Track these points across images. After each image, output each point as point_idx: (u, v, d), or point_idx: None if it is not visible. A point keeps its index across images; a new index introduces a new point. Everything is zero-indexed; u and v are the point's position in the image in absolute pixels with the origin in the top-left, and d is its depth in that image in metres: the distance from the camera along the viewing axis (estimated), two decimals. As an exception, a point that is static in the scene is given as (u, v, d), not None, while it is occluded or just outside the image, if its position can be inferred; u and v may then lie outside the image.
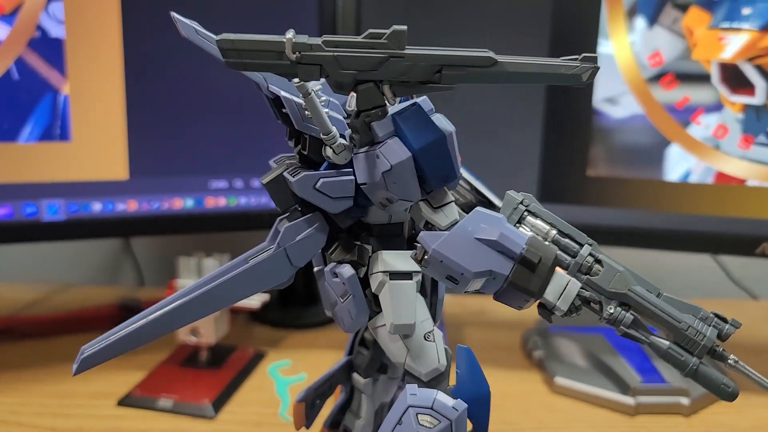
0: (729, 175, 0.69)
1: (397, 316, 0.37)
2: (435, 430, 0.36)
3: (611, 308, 0.37)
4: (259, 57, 0.32)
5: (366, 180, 0.35)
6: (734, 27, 0.66)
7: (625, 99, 0.70)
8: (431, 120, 0.34)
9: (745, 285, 1.01)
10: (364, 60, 0.33)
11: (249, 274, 0.37)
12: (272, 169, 0.39)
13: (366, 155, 0.35)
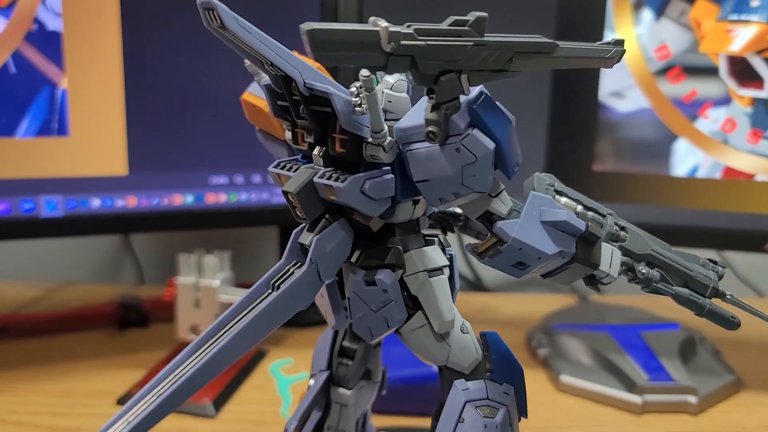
0: (737, 170, 0.69)
1: (446, 313, 0.37)
2: (498, 418, 0.37)
3: (642, 269, 0.41)
4: (351, 49, 0.30)
5: (433, 176, 0.34)
6: (743, 19, 0.65)
7: (631, 93, 0.70)
8: (501, 107, 0.34)
9: (750, 282, 1.00)
10: (452, 49, 0.31)
11: (282, 300, 0.34)
12: (295, 177, 0.35)
13: (438, 149, 0.33)
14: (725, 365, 0.72)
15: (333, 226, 0.35)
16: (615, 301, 0.92)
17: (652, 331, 0.76)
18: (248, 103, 0.39)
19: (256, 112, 0.39)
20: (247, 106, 0.40)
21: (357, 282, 0.37)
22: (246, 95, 0.39)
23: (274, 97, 0.36)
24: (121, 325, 0.83)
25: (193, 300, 0.69)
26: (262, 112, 0.38)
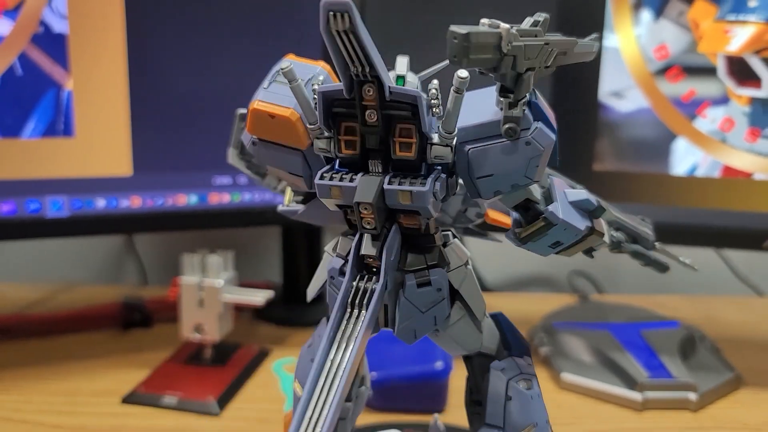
0: (736, 168, 0.69)
1: (483, 301, 0.38)
2: (535, 388, 0.40)
3: (613, 233, 0.47)
4: (481, 51, 0.30)
5: (499, 170, 0.34)
6: (740, 19, 0.66)
7: (631, 93, 0.70)
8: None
9: (750, 281, 1.01)
10: (535, 49, 0.32)
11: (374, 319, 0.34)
12: (364, 186, 0.34)
13: (511, 144, 0.34)
14: (725, 363, 0.72)
15: (392, 233, 0.35)
16: (615, 300, 0.93)
17: (652, 329, 0.76)
18: (262, 113, 0.35)
19: (269, 122, 0.36)
20: (260, 116, 0.36)
21: (410, 286, 0.36)
22: (260, 105, 0.35)
23: (329, 105, 0.34)
24: (124, 326, 0.83)
25: (197, 299, 0.69)
26: (281, 121, 0.35)
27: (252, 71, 0.75)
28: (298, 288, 0.91)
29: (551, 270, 1.06)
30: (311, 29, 0.76)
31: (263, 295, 0.70)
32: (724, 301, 0.96)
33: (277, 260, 0.94)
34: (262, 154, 0.37)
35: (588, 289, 1.01)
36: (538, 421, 0.39)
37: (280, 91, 0.35)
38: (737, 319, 0.90)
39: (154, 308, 0.85)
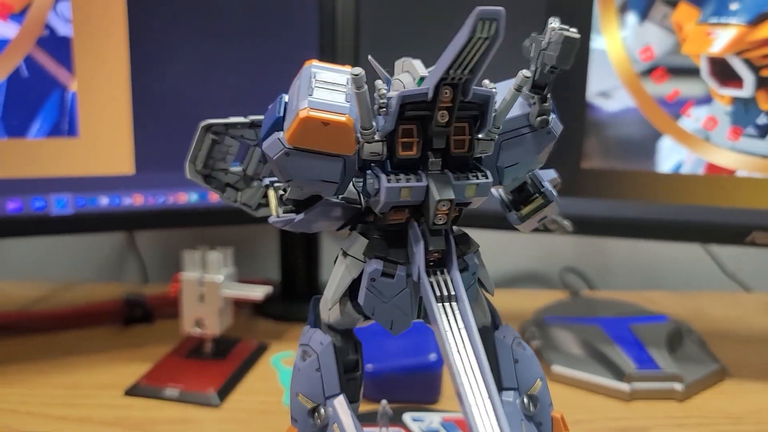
0: (719, 166, 0.70)
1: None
2: (528, 349, 0.43)
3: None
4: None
5: (524, 158, 0.38)
6: (722, 22, 0.67)
7: (617, 93, 0.71)
8: None
9: (738, 278, 1.02)
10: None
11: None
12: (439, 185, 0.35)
13: (538, 134, 0.38)
14: (711, 355, 0.74)
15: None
16: (606, 296, 0.95)
17: (640, 323, 0.78)
18: (315, 121, 0.33)
19: (320, 130, 0.34)
20: (312, 124, 0.33)
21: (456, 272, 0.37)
22: (312, 113, 0.33)
23: (403, 108, 0.34)
24: (126, 322, 0.84)
25: (197, 295, 0.70)
26: (336, 128, 0.34)
27: (250, 72, 0.77)
28: (296, 284, 0.93)
29: (543, 267, 1.07)
30: (307, 32, 0.78)
31: (262, 290, 0.71)
32: (712, 297, 0.98)
33: (275, 257, 0.95)
34: (292, 165, 0.35)
35: (579, 285, 1.03)
36: (541, 377, 0.43)
37: (325, 97, 0.34)
38: (724, 313, 0.92)
39: (155, 304, 0.86)
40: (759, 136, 0.68)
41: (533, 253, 1.07)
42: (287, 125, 0.34)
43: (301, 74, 0.36)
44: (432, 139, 0.35)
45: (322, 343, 0.41)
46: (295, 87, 0.35)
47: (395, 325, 0.38)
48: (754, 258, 1.02)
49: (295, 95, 0.35)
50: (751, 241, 0.70)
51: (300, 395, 0.41)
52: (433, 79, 0.32)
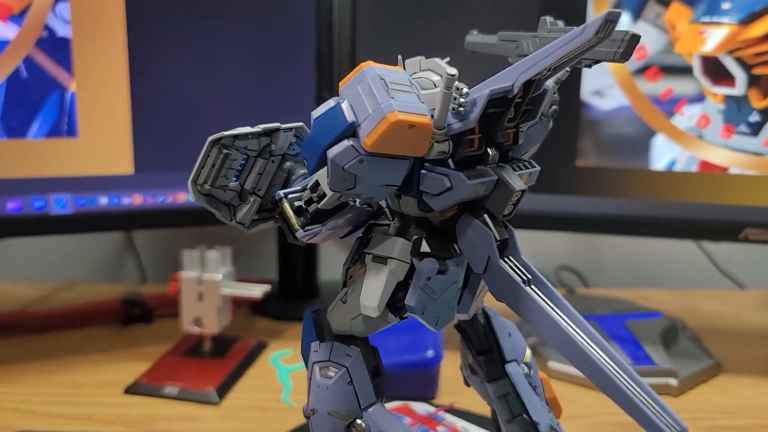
0: (712, 163, 0.71)
1: None
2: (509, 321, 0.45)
3: None
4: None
5: (531, 147, 0.40)
6: (714, 21, 0.67)
7: (611, 91, 0.71)
8: None
9: (732, 275, 1.03)
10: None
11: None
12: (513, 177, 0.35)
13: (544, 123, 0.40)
14: (705, 350, 0.75)
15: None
16: (601, 293, 0.95)
17: (636, 320, 0.78)
18: (403, 124, 0.32)
19: (405, 133, 0.33)
20: (400, 128, 0.32)
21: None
22: (401, 116, 0.32)
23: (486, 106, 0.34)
24: (125, 321, 0.84)
25: (196, 293, 0.70)
26: (419, 129, 0.33)
27: (247, 72, 0.78)
28: (294, 284, 0.93)
29: (539, 265, 1.07)
30: (305, 33, 0.78)
31: (261, 289, 0.71)
32: (706, 294, 0.99)
33: (273, 257, 0.96)
34: (363, 172, 0.34)
35: (575, 283, 1.03)
36: (527, 345, 0.45)
37: (405, 99, 0.33)
38: (718, 310, 0.93)
39: (153, 304, 0.86)
40: (751, 133, 0.69)
41: (529, 252, 1.06)
42: (366, 130, 0.32)
43: (362, 77, 0.33)
44: (497, 133, 0.36)
45: (349, 355, 0.40)
46: (362, 91, 0.33)
47: (441, 320, 0.38)
48: (748, 255, 1.03)
49: (366, 99, 0.33)
50: (745, 238, 0.70)
51: (333, 413, 0.40)
52: (523, 76, 0.32)
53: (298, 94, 0.78)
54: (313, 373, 0.40)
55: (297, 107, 0.78)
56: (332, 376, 0.39)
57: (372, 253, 0.38)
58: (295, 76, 0.78)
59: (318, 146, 0.34)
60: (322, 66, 0.79)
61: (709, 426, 0.62)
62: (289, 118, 0.82)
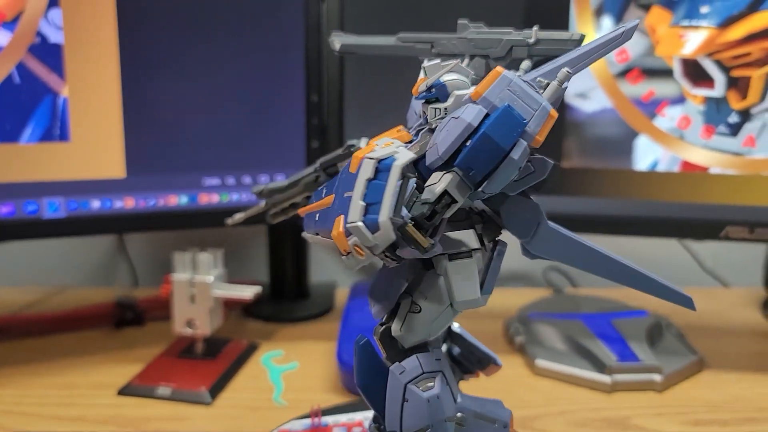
0: (693, 163, 0.72)
1: None
2: None
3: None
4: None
5: None
6: (693, 25, 0.69)
7: (595, 94, 0.73)
8: None
9: (716, 274, 1.05)
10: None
11: None
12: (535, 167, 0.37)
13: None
14: (689, 347, 0.76)
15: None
16: (588, 293, 0.96)
17: (622, 318, 0.79)
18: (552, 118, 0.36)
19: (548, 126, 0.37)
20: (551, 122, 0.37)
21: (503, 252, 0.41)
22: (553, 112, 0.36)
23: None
24: (117, 324, 0.84)
25: (188, 295, 0.71)
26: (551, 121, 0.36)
27: (237, 75, 0.79)
28: (285, 286, 0.94)
29: (528, 266, 1.09)
30: (294, 36, 0.79)
31: (252, 290, 0.72)
32: (691, 293, 0.98)
33: (264, 259, 0.96)
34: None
35: (562, 283, 1.04)
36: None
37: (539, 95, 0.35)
38: (703, 308, 0.93)
39: (145, 307, 0.86)
40: (730, 134, 0.70)
41: (517, 252, 1.09)
42: (536, 128, 0.34)
43: (508, 81, 0.34)
44: None
45: (438, 359, 0.40)
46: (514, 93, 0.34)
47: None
48: (732, 254, 1.05)
49: (523, 100, 0.34)
50: (726, 236, 0.72)
51: (449, 419, 0.39)
52: (576, 70, 0.35)
53: (288, 96, 0.79)
54: (409, 393, 0.38)
55: (286, 110, 0.79)
56: (433, 386, 0.39)
57: (448, 252, 0.38)
58: (284, 79, 0.79)
59: (500, 150, 0.33)
60: (311, 69, 0.80)
61: (693, 420, 0.63)
62: (278, 120, 0.83)
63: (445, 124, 0.35)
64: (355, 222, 0.31)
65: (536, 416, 0.63)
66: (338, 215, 0.33)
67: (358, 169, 0.33)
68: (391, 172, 0.31)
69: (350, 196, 0.32)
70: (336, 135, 0.82)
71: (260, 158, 0.78)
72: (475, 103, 0.34)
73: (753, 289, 0.99)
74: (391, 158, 0.32)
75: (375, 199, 0.32)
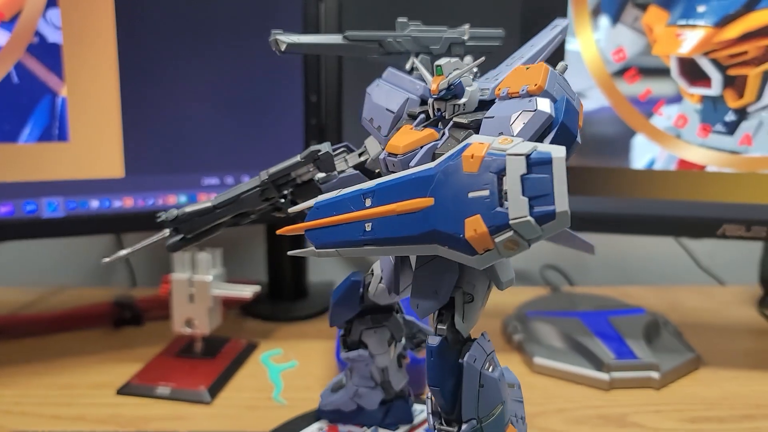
0: (690, 162, 0.72)
1: None
2: None
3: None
4: None
5: None
6: (690, 24, 0.69)
7: (592, 93, 0.73)
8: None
9: (712, 272, 1.05)
10: None
11: None
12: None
13: None
14: (686, 345, 0.76)
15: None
16: (585, 291, 0.97)
17: (619, 316, 0.80)
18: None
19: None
20: None
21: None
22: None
23: None
24: (116, 324, 0.85)
25: (187, 295, 0.71)
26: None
27: (235, 75, 0.79)
28: (283, 285, 0.94)
29: (525, 265, 1.09)
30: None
31: (251, 289, 0.72)
32: (688, 291, 1.01)
33: (263, 259, 0.96)
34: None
35: (560, 281, 1.05)
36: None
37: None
38: (699, 306, 0.95)
39: (144, 307, 0.86)
40: (727, 132, 0.71)
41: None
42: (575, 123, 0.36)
43: (555, 75, 0.36)
44: None
45: (488, 340, 0.41)
46: (562, 86, 0.36)
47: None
48: (728, 252, 1.05)
49: (567, 92, 0.36)
50: (722, 234, 0.72)
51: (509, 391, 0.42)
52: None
53: (286, 96, 0.79)
54: (483, 378, 0.40)
55: (285, 110, 0.80)
56: (495, 365, 0.41)
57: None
58: (283, 79, 0.79)
59: (572, 137, 0.35)
60: (310, 69, 0.80)
61: (690, 417, 0.64)
62: (277, 120, 0.83)
63: (513, 119, 0.35)
64: (523, 217, 0.31)
65: (535, 414, 0.64)
66: (468, 216, 0.32)
67: (488, 169, 0.32)
68: (554, 164, 0.31)
69: (483, 195, 0.32)
70: (335, 135, 0.83)
71: (259, 158, 0.78)
72: (539, 96, 0.35)
73: (749, 287, 1.00)
74: (545, 153, 0.31)
75: (538, 192, 0.31)
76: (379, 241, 0.35)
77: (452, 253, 0.34)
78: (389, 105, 0.42)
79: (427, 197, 0.34)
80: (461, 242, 0.33)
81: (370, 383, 0.55)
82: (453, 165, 0.33)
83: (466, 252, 0.33)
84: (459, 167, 0.33)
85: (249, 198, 0.47)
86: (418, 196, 0.34)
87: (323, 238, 0.37)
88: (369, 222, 0.35)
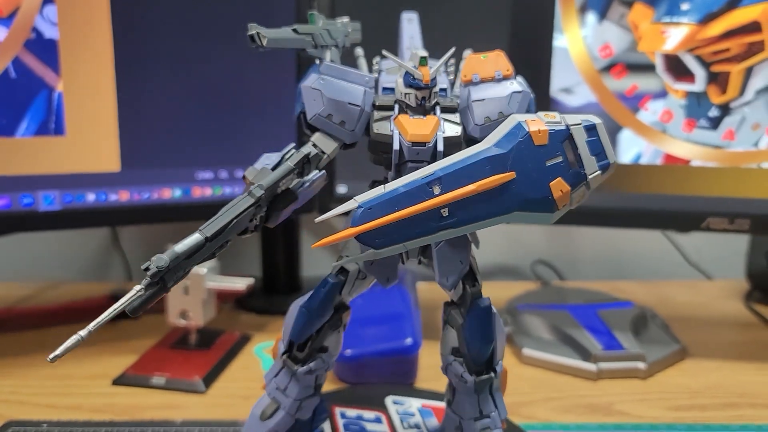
0: (675, 156, 0.73)
1: None
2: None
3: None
4: None
5: None
6: (674, 21, 0.70)
7: (579, 88, 0.74)
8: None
9: (700, 267, 1.07)
10: None
11: None
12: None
13: None
14: (673, 337, 0.78)
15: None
16: (575, 285, 0.98)
17: (607, 309, 0.81)
18: None
19: None
20: None
21: None
22: None
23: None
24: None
25: (182, 287, 0.71)
26: None
27: (231, 71, 0.80)
28: (277, 279, 0.95)
29: (515, 260, 1.10)
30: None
31: (244, 282, 0.73)
32: (676, 285, 1.02)
33: (256, 253, 0.97)
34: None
35: (550, 276, 1.06)
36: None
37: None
38: (686, 300, 0.96)
39: (139, 300, 0.87)
40: (711, 127, 0.72)
41: (506, 247, 1.11)
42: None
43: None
44: None
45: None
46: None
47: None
48: (715, 247, 1.07)
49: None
50: (707, 227, 0.73)
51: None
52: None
53: (280, 91, 0.80)
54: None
55: (279, 104, 0.80)
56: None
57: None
58: (277, 74, 0.80)
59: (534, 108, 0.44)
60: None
61: (674, 405, 0.65)
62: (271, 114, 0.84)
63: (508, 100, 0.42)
64: (595, 171, 0.37)
65: (523, 403, 0.65)
66: (551, 180, 0.37)
67: (556, 139, 0.37)
68: (598, 128, 0.37)
69: (558, 161, 0.37)
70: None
71: (252, 152, 0.79)
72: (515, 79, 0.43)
73: (735, 281, 1.01)
74: (591, 121, 0.38)
75: (597, 151, 0.37)
76: (458, 222, 0.37)
77: (529, 216, 0.37)
78: (352, 99, 0.43)
79: (507, 172, 0.36)
80: (548, 203, 0.37)
81: (310, 391, 0.50)
82: (524, 141, 0.36)
83: (547, 211, 0.37)
84: (530, 141, 0.36)
85: (243, 219, 0.41)
86: (497, 173, 0.37)
87: (387, 237, 0.36)
88: (445, 207, 0.37)
